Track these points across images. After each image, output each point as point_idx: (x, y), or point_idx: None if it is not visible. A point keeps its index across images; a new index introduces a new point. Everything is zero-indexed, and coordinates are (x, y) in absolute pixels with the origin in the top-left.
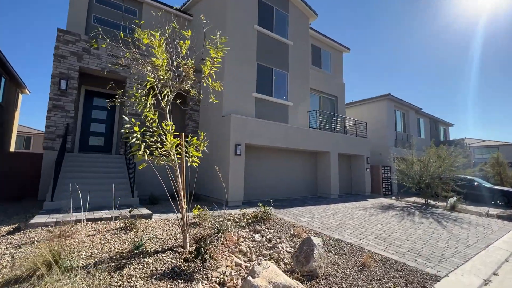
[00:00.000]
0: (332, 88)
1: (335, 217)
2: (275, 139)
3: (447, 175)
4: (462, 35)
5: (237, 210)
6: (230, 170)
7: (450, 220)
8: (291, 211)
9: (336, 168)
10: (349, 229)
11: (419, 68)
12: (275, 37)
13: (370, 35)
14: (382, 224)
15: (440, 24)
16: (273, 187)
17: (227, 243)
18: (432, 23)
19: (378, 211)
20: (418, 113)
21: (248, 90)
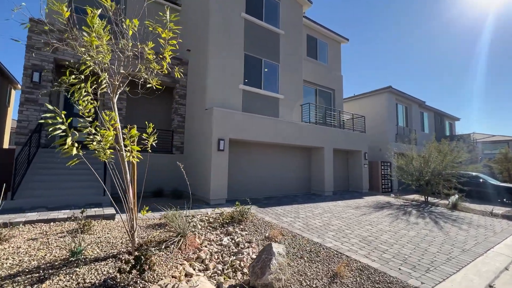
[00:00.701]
0: (329, 80)
1: (321, 217)
2: (263, 134)
3: (449, 172)
4: (471, 28)
5: (217, 209)
6: (212, 166)
7: (449, 220)
8: (275, 210)
9: (331, 165)
10: (333, 231)
11: (426, 62)
12: (264, 26)
13: (376, 29)
14: (371, 225)
15: (448, 17)
16: (263, 184)
17: (186, 248)
18: (440, 16)
19: (372, 210)
20: (422, 107)
21: (234, 82)
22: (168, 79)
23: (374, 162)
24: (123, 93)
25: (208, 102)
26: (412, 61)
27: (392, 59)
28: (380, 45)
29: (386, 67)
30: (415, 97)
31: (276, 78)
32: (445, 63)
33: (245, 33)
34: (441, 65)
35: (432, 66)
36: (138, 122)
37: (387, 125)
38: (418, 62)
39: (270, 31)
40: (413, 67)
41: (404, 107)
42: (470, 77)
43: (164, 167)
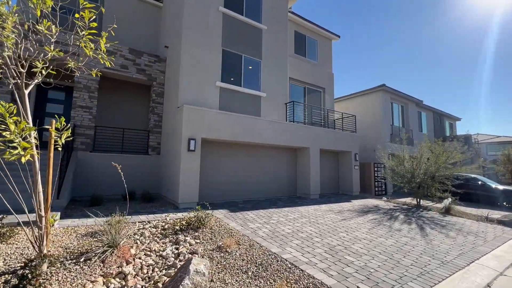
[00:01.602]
0: (319, 78)
1: (295, 223)
2: (240, 133)
3: (442, 174)
4: (475, 28)
5: (179, 214)
6: (181, 168)
7: (438, 226)
8: (247, 215)
9: (317, 166)
10: (301, 239)
11: (427, 62)
12: (245, 20)
13: (375, 28)
14: (347, 232)
15: (452, 17)
16: (243, 187)
17: (113, 261)
18: (444, 15)
19: (355, 215)
20: (419, 106)
21: (210, 78)
22: (144, 76)
23: (366, 164)
24: (94, 91)
25: (181, 99)
26: (413, 61)
27: (392, 59)
28: (379, 44)
29: (386, 67)
30: (411, 96)
31: (258, 75)
32: (448, 64)
33: (224, 28)
34: (444, 66)
35: (434, 66)
36: (115, 122)
37: (381, 125)
38: (420, 62)
39: (252, 26)
40: (414, 67)
41: (400, 107)
42: (476, 78)
43: (139, 169)
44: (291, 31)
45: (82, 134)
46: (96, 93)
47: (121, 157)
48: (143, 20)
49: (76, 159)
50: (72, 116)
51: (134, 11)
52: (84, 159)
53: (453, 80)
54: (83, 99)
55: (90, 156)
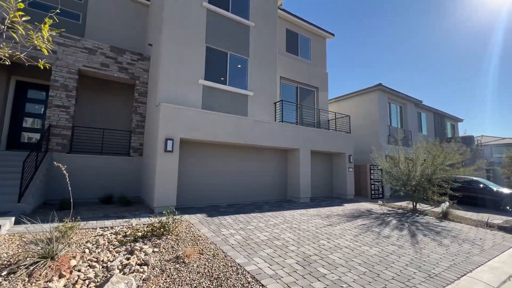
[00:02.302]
0: (312, 78)
1: (274, 229)
2: (222, 133)
3: (440, 176)
4: (481, 29)
5: (153, 219)
6: (157, 170)
7: (432, 232)
8: (224, 220)
9: (307, 168)
10: (274, 247)
11: (431, 63)
12: (231, 17)
13: (377, 27)
14: (329, 239)
15: (457, 17)
16: (227, 190)
17: (42, 275)
18: (450, 16)
19: (343, 220)
20: (419, 107)
21: (193, 76)
22: (126, 75)
23: (362, 166)
24: (73, 90)
25: (160, 97)
26: (414, 62)
27: (392, 59)
28: (378, 44)
29: (386, 67)
30: (410, 96)
31: (245, 73)
32: (451, 64)
33: (208, 24)
34: (446, 66)
35: (436, 66)
36: (97, 123)
37: (378, 125)
38: (421, 62)
39: (238, 22)
40: (415, 68)
41: (398, 107)
42: (480, 78)
43: (120, 171)
44: (283, 29)
45: (58, 135)
46: (75, 92)
47: (101, 159)
48: (131, 18)
49: (49, 160)
50: (47, 116)
51: (122, 10)
52: (60, 161)
53: (457, 80)
54: (60, 98)
55: (67, 157)
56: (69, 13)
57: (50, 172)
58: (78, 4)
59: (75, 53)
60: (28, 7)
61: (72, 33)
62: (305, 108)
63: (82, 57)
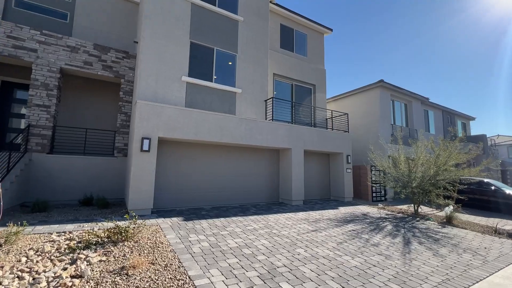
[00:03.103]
0: (309, 75)
1: (250, 234)
2: (205, 132)
3: (444, 177)
4: (495, 27)
5: (122, 223)
6: (133, 170)
7: (430, 240)
8: (199, 224)
9: (300, 169)
10: (241, 257)
11: (441, 61)
12: (218, 11)
13: (386, 25)
14: (308, 247)
15: (469, 14)
16: (213, 192)
17: None
18: (461, 14)
19: (332, 225)
20: (425, 104)
21: (175, 73)
22: (110, 73)
23: (362, 167)
24: (53, 89)
25: (139, 95)
26: (424, 60)
27: (400, 57)
28: (384, 41)
29: (394, 65)
30: (415, 93)
31: (233, 70)
32: (463, 62)
33: (192, 18)
34: (457, 64)
35: (447, 64)
36: (82, 122)
37: (380, 124)
38: (431, 60)
39: (226, 17)
40: (425, 66)
41: (403, 105)
42: (494, 75)
43: (104, 172)
44: (277, 24)
45: (37, 135)
46: (56, 91)
47: (84, 159)
48: (121, 16)
49: (26, 161)
50: (27, 116)
51: (111, 8)
52: (40, 161)
53: (468, 79)
54: (40, 97)
55: (47, 158)
56: (57, 12)
57: (29, 173)
58: (65, 3)
59: (56, 52)
60: (15, 7)
61: (59, 32)
62: (300, 106)
63: (64, 56)
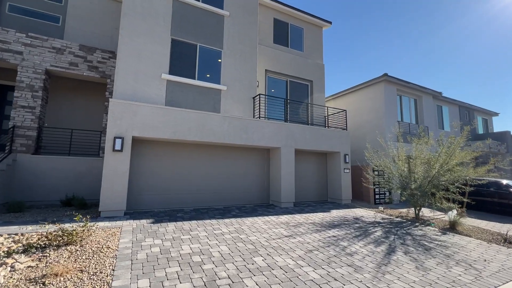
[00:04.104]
0: (305, 70)
1: (213, 239)
2: (184, 131)
3: (445, 178)
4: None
5: (91, 224)
6: (104, 170)
7: (419, 249)
8: (162, 228)
9: (290, 169)
10: (185, 265)
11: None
12: (201, 6)
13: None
14: (270, 255)
15: (494, 9)
16: (195, 193)
17: None
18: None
19: (313, 230)
20: (438, 99)
21: (155, 71)
22: (96, 74)
23: (364, 167)
24: (39, 90)
25: (117, 94)
26: (446, 55)
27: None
28: (394, 34)
29: (406, 60)
30: (426, 87)
31: (218, 66)
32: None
33: (174, 14)
34: (481, 59)
35: (465, 57)
36: (69, 123)
37: (384, 121)
38: (453, 54)
39: (210, 12)
40: (447, 62)
41: (413, 100)
42: None
43: (89, 172)
44: (269, 18)
45: (22, 136)
46: (41, 92)
47: (68, 160)
48: (112, 18)
49: (9, 161)
50: (12, 117)
51: (102, 9)
52: (24, 162)
53: (491, 71)
54: (25, 98)
55: (32, 158)
56: (49, 16)
57: (13, 173)
58: (58, 7)
59: (42, 53)
60: (8, 12)
61: (51, 35)
62: (294, 104)
63: (49, 57)
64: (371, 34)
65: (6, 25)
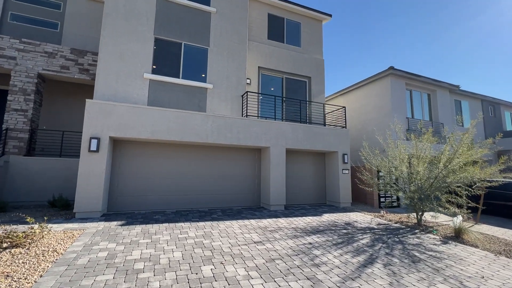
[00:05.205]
0: (303, 66)
1: (172, 244)
2: (164, 131)
3: (449, 180)
4: None
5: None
6: (79, 171)
7: (405, 261)
8: (127, 231)
9: (281, 170)
10: (121, 273)
11: None
12: (186, 3)
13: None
14: (222, 264)
15: None
16: (179, 194)
17: None
18: None
19: (290, 236)
20: (455, 93)
21: (137, 71)
22: (87, 76)
23: (368, 168)
24: (31, 94)
25: (97, 95)
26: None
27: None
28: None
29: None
30: (440, 80)
31: (204, 64)
32: None
33: (158, 13)
34: None
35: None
36: (62, 125)
37: (389, 119)
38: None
39: (196, 9)
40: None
41: (426, 95)
42: None
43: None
44: (263, 14)
45: (15, 138)
46: (33, 95)
47: (60, 161)
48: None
49: (1, 163)
50: (5, 120)
51: (99, 13)
52: (16, 163)
53: None
54: (18, 102)
55: (24, 160)
56: (48, 22)
57: (6, 174)
58: (56, 14)
59: (34, 58)
60: (10, 20)
61: (50, 41)
62: (290, 101)
63: (41, 61)
64: (391, 21)
65: (7, 33)
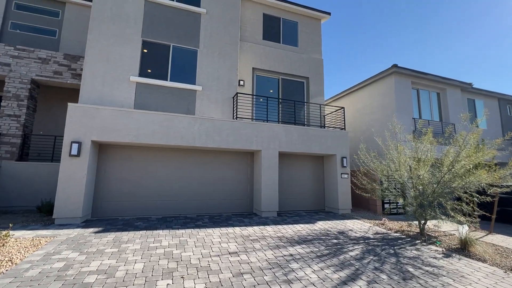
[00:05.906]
0: (300, 67)
1: (139, 255)
2: (149, 134)
3: (455, 184)
4: None
5: (39, 232)
6: (59, 175)
7: (395, 278)
8: (98, 239)
9: (273, 174)
10: (70, 286)
11: None
12: (175, 5)
13: None
14: (184, 279)
15: None
16: (167, 200)
17: None
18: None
19: (272, 246)
20: (468, 92)
21: (123, 74)
22: (80, 81)
23: (371, 173)
24: (24, 99)
25: (82, 99)
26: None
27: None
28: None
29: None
30: (450, 78)
31: (193, 66)
32: None
33: (146, 15)
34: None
35: None
36: (57, 130)
37: (395, 120)
38: None
39: (185, 11)
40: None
41: (435, 94)
42: None
43: None
44: (258, 14)
45: (7, 143)
46: (26, 101)
47: (52, 166)
48: None
49: None
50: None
51: None
52: (8, 168)
53: None
54: (11, 107)
55: (16, 165)
56: (47, 30)
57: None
58: (55, 21)
59: (28, 64)
60: (10, 29)
61: (48, 48)
62: (287, 103)
63: (35, 67)
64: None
65: (8, 41)
